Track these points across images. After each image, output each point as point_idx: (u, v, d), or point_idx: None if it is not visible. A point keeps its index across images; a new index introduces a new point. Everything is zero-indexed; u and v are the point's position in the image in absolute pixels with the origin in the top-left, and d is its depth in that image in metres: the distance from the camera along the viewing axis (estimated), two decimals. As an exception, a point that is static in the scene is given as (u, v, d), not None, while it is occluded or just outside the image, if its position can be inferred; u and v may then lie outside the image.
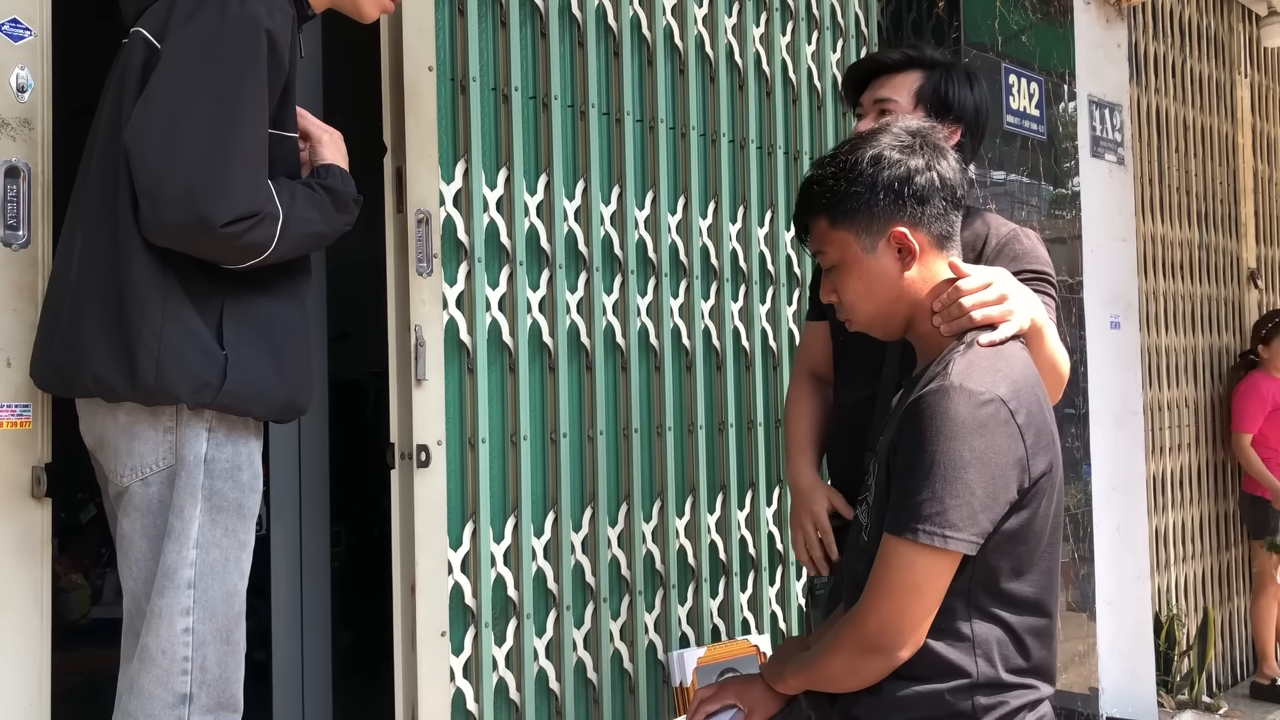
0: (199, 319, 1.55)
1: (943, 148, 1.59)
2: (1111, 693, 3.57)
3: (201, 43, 1.51)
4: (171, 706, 1.55)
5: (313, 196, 1.63)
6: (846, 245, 1.58)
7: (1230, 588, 4.98)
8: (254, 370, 1.58)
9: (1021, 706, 1.49)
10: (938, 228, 1.57)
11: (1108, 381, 3.69)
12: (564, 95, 2.54)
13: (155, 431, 1.56)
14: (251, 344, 1.58)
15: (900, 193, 1.54)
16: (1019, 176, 3.40)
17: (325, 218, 1.64)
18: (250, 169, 1.51)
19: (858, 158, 1.57)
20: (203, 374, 1.53)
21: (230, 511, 1.59)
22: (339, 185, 1.69)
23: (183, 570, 1.55)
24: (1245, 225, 5.25)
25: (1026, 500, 1.46)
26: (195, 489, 1.56)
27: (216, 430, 1.58)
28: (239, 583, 1.61)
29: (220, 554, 1.58)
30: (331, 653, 3.08)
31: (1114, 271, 3.78)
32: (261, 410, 1.61)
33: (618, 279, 2.61)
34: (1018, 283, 1.64)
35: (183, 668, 1.55)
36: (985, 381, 1.45)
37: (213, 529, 1.57)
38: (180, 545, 1.55)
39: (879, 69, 2.02)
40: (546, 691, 2.43)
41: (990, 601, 1.48)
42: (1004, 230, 1.94)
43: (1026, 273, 1.88)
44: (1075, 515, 3.51)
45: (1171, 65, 4.72)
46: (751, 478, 2.90)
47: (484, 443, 2.32)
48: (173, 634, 1.55)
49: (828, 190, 1.58)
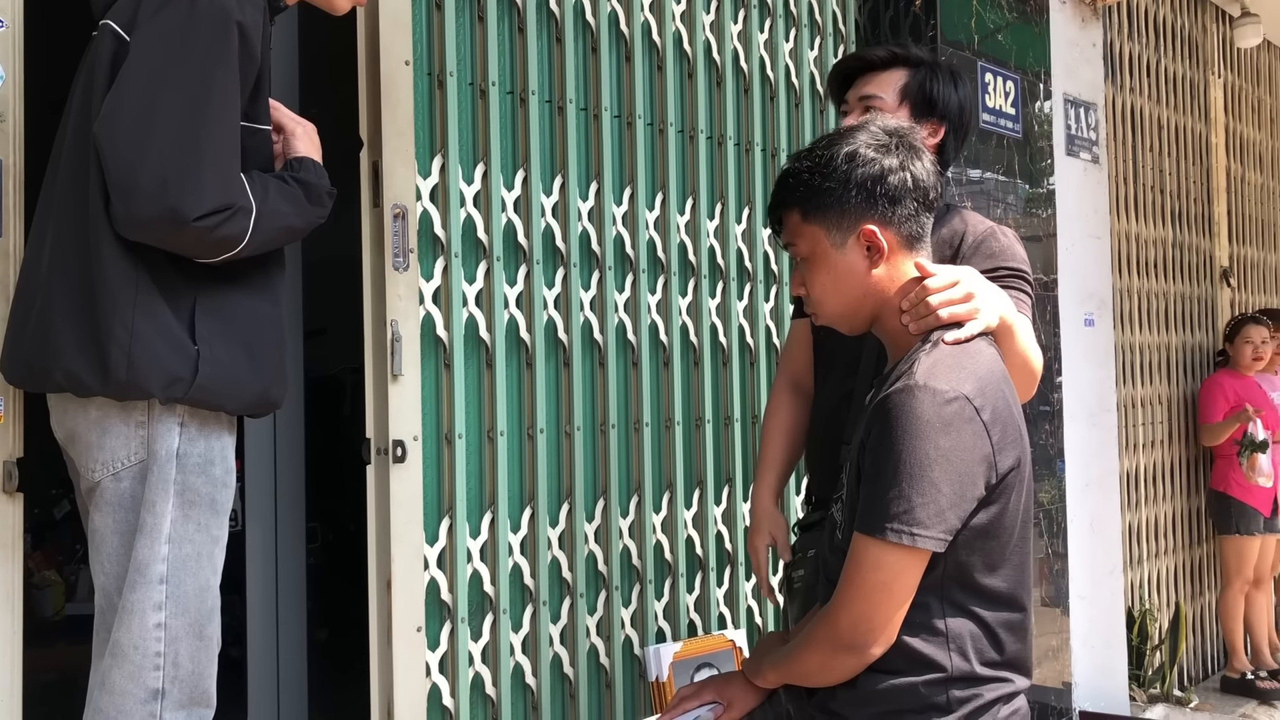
0: (171, 313, 1.54)
1: (919, 149, 1.60)
2: (1084, 687, 3.60)
3: (171, 35, 1.50)
4: (144, 702, 1.54)
5: (286, 190, 1.62)
6: (817, 240, 1.59)
7: (1202, 583, 5.03)
8: (227, 364, 1.57)
9: (996, 699, 1.50)
10: (908, 228, 1.58)
11: (1082, 378, 3.72)
12: (541, 90, 2.54)
13: (127, 426, 1.56)
14: (224, 338, 1.58)
15: (873, 191, 1.55)
16: (995, 174, 3.42)
17: (299, 211, 1.63)
18: (222, 162, 1.50)
19: (833, 153, 1.58)
20: (175, 369, 1.52)
21: (203, 506, 1.58)
22: (312, 178, 1.68)
23: (155, 565, 1.54)
24: (1218, 224, 5.30)
25: (995, 496, 1.48)
26: (167, 484, 1.55)
27: (189, 425, 1.57)
28: (212, 578, 1.61)
29: (193, 549, 1.57)
30: (307, 648, 3.07)
31: (1088, 269, 3.81)
32: (234, 405, 1.60)
33: (595, 275, 2.61)
34: (986, 281, 1.65)
35: (155, 663, 1.54)
36: (950, 380, 1.46)
37: (185, 524, 1.56)
38: (152, 540, 1.54)
39: (864, 66, 2.04)
40: (523, 686, 2.43)
41: (963, 597, 1.49)
42: (981, 228, 1.95)
43: (1002, 270, 1.89)
44: (1049, 511, 3.54)
45: (1146, 65, 4.75)
46: (728, 473, 2.91)
47: (460, 438, 2.32)
48: (145, 629, 1.54)
49: (802, 184, 1.59)
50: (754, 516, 2.16)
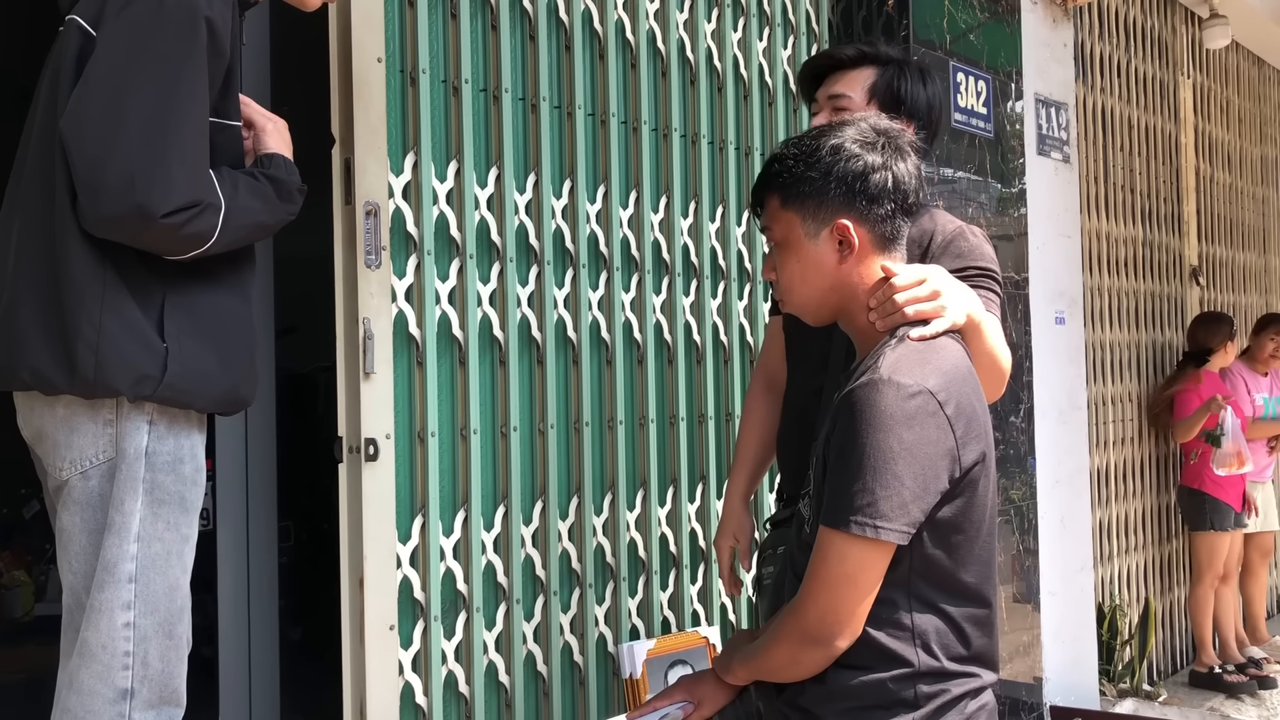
0: (139, 310, 1.53)
1: (904, 150, 1.62)
2: (1055, 682, 3.63)
3: (138, 30, 1.49)
4: (112, 702, 1.53)
5: (256, 186, 1.61)
6: (792, 227, 1.60)
7: (1171, 578, 5.09)
8: (196, 362, 1.56)
9: (963, 694, 1.52)
10: (883, 228, 1.60)
11: (1052, 376, 3.75)
12: (515, 88, 2.53)
13: (94, 424, 1.54)
14: (193, 335, 1.57)
15: (853, 186, 1.57)
16: (967, 174, 3.44)
17: (268, 208, 1.62)
18: (190, 158, 1.49)
19: (819, 144, 1.60)
20: (143, 366, 1.51)
21: (172, 505, 1.57)
22: (283, 175, 1.67)
23: (123, 564, 1.53)
24: (1187, 223, 5.36)
25: (959, 490, 1.49)
26: (136, 482, 1.54)
27: (158, 423, 1.56)
28: (181, 576, 1.60)
29: (162, 548, 1.56)
30: (280, 647, 3.06)
31: (1059, 268, 3.84)
32: (203, 402, 1.59)
33: (569, 273, 2.61)
34: (953, 279, 1.66)
35: (124, 663, 1.53)
36: (914, 374, 1.47)
37: (154, 522, 1.55)
38: (120, 539, 1.53)
39: (834, 65, 2.05)
40: (496, 684, 2.43)
41: (930, 592, 1.50)
42: (950, 227, 1.97)
43: (971, 269, 1.91)
44: (1020, 508, 3.57)
45: (1116, 65, 4.80)
46: (702, 471, 2.92)
47: (433, 436, 2.32)
48: (113, 629, 1.53)
49: (786, 170, 1.61)
50: (722, 517, 2.20)
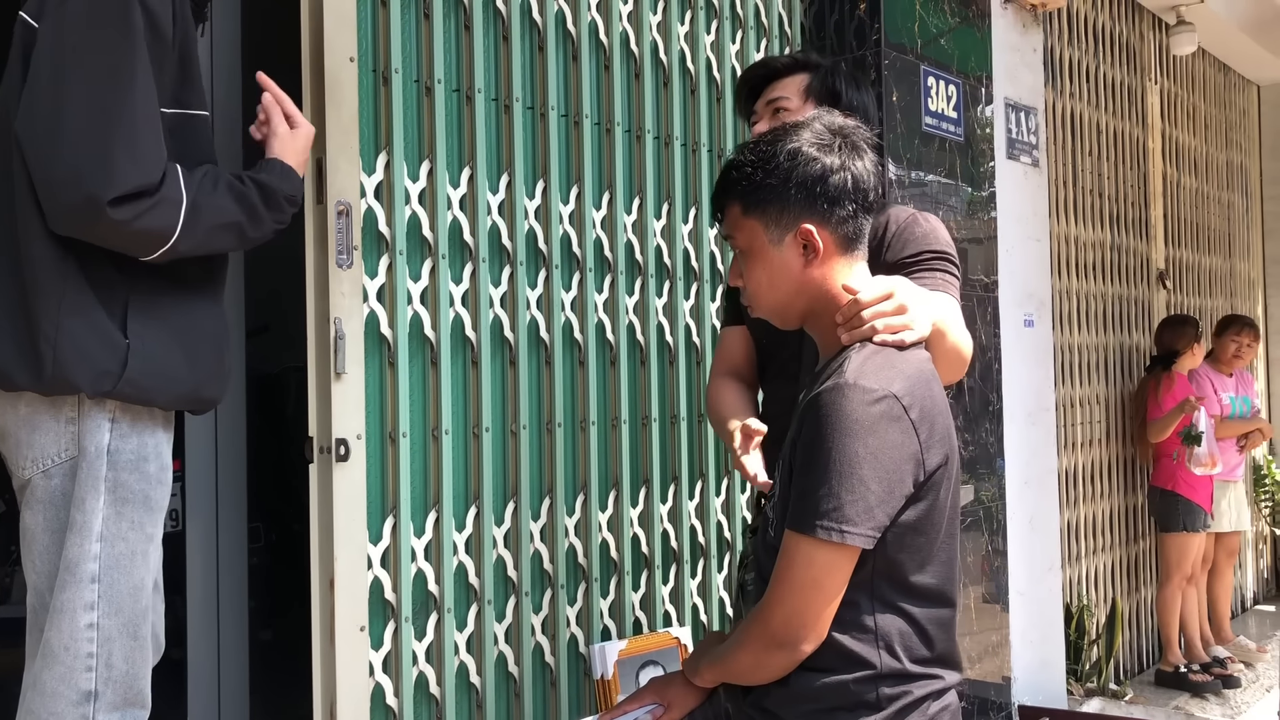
0: (102, 309, 1.52)
1: (861, 148, 1.62)
2: (1023, 681, 3.66)
3: (76, 20, 1.48)
4: (76, 704, 1.52)
5: (237, 188, 1.59)
6: (755, 234, 1.61)
7: (1137, 579, 5.14)
8: (159, 359, 1.55)
9: (926, 696, 1.52)
10: (845, 229, 1.60)
11: (1021, 378, 3.78)
12: (488, 89, 2.53)
13: (56, 423, 1.53)
14: (158, 333, 1.56)
15: (813, 190, 1.57)
16: (937, 177, 3.46)
17: (248, 212, 1.59)
18: (134, 143, 1.46)
19: (776, 149, 1.60)
20: (102, 362, 1.50)
21: (136, 504, 1.56)
22: (275, 182, 1.64)
23: (85, 564, 1.52)
24: (1155, 227, 5.42)
25: (923, 493, 1.50)
26: (97, 481, 1.53)
27: (120, 421, 1.55)
28: (146, 577, 1.59)
29: (126, 547, 1.55)
30: (249, 649, 3.04)
31: (1028, 271, 3.87)
32: (166, 400, 1.58)
33: (542, 274, 2.61)
34: (917, 290, 1.67)
35: (87, 664, 1.52)
36: (879, 379, 1.48)
37: (118, 522, 1.54)
38: (82, 538, 1.52)
39: (770, 74, 2.13)
40: (467, 685, 2.43)
41: (893, 594, 1.51)
42: (902, 216, 2.00)
43: (927, 253, 1.94)
44: (989, 509, 3.60)
45: (1085, 71, 4.85)
46: (674, 472, 2.92)
47: (405, 437, 2.31)
48: (75, 629, 1.52)
49: (744, 178, 1.61)
50: (725, 435, 1.98)
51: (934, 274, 1.92)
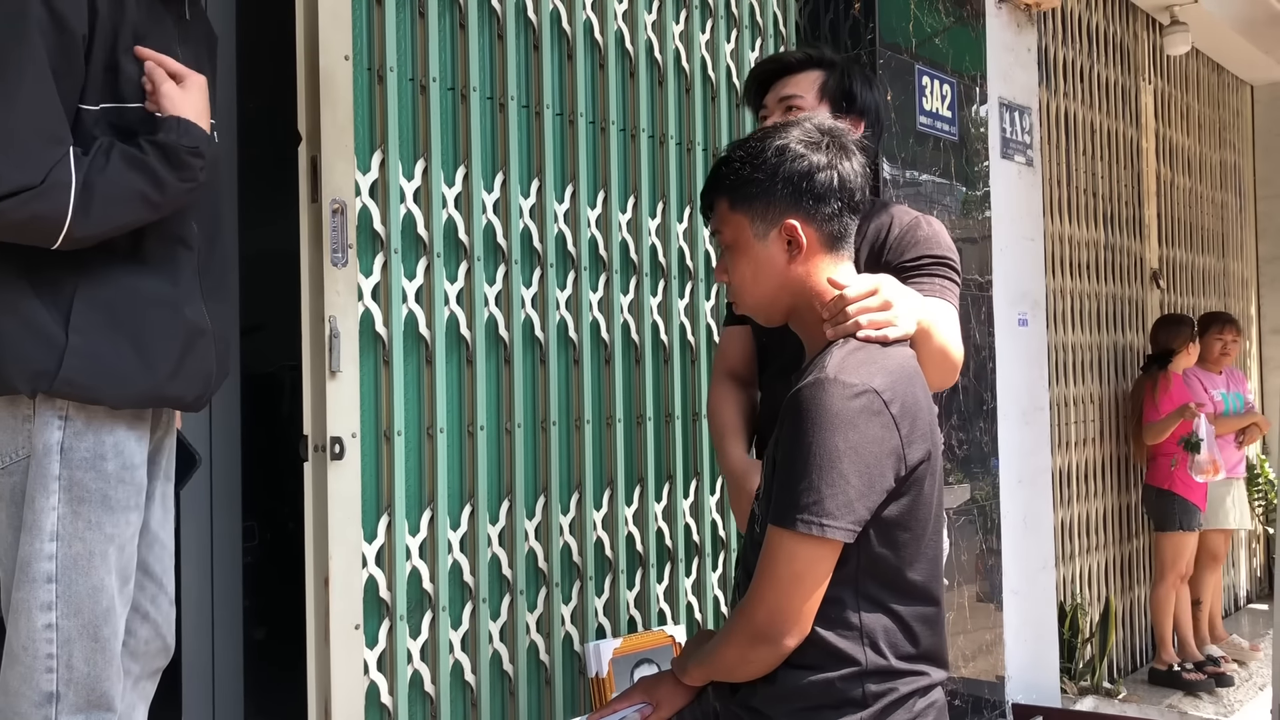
0: (40, 305, 1.50)
1: (850, 149, 1.63)
2: (1017, 679, 3.67)
3: None
4: (38, 705, 1.50)
5: (135, 157, 1.51)
6: (741, 229, 1.62)
7: (1131, 577, 5.15)
8: (106, 357, 1.52)
9: (912, 693, 1.52)
10: (830, 227, 1.61)
11: (1015, 377, 3.79)
12: (483, 87, 2.53)
13: (14, 420, 1.53)
14: (107, 329, 1.53)
15: (799, 186, 1.58)
16: (932, 176, 3.47)
17: (151, 179, 1.51)
18: (11, 145, 1.42)
19: (765, 146, 1.61)
20: (36, 361, 1.48)
21: (93, 503, 1.54)
22: (173, 139, 1.54)
23: (38, 563, 1.50)
24: (1148, 227, 5.43)
25: (905, 488, 1.50)
26: (48, 479, 1.51)
27: (74, 419, 1.53)
28: (106, 577, 1.56)
29: (84, 547, 1.53)
30: (244, 648, 3.04)
31: (1022, 270, 3.88)
32: (116, 398, 1.54)
33: (536, 272, 2.61)
34: (903, 288, 1.67)
35: (47, 665, 1.51)
36: (859, 374, 1.49)
37: (74, 521, 1.52)
38: (33, 538, 1.50)
39: (781, 69, 2.10)
40: (462, 684, 2.43)
41: (877, 591, 1.52)
42: (906, 218, 2.00)
43: (927, 258, 1.94)
44: (983, 507, 3.60)
45: (1079, 70, 4.86)
46: (669, 470, 2.93)
47: (400, 435, 2.31)
48: (33, 629, 1.50)
49: (733, 173, 1.62)
50: (731, 477, 2.09)
51: (933, 279, 1.92)
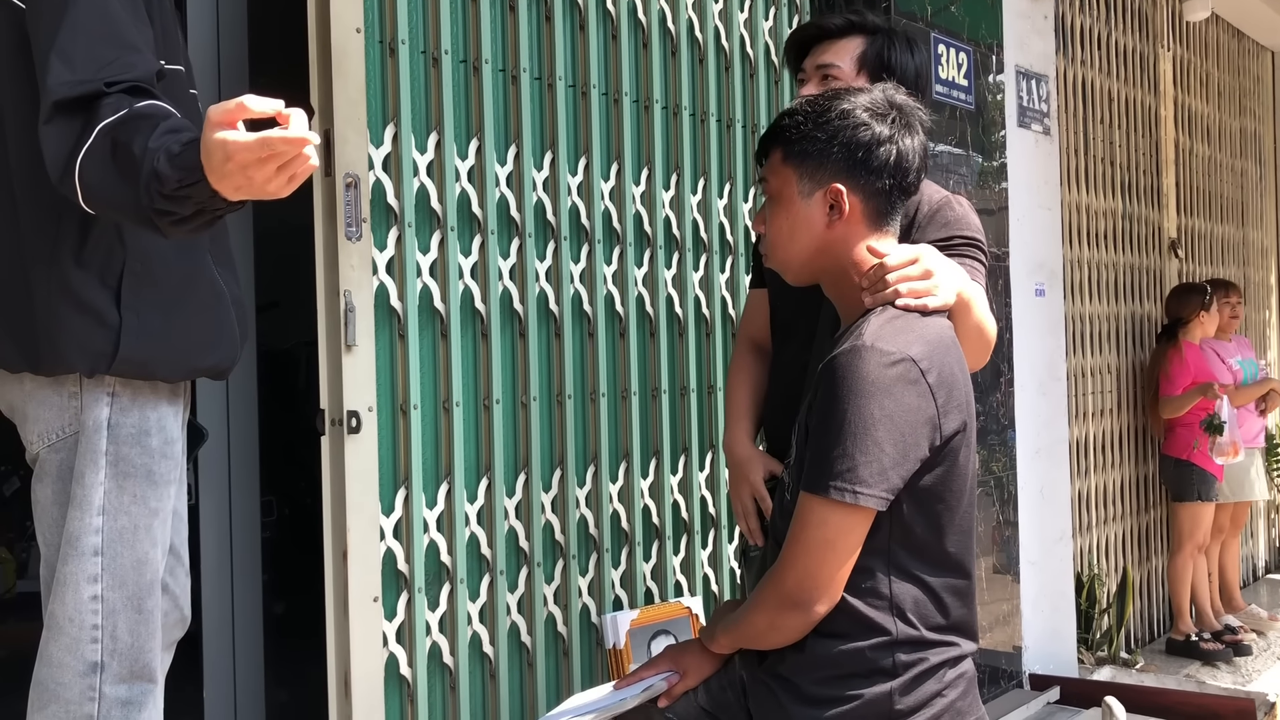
0: (95, 284, 1.50)
1: (914, 126, 1.62)
2: (1034, 650, 3.67)
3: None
4: (82, 675, 1.52)
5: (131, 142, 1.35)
6: (788, 182, 1.62)
7: (1149, 548, 5.14)
8: (156, 333, 1.54)
9: (942, 663, 1.53)
10: (877, 202, 1.60)
11: (1032, 348, 3.77)
12: (495, 60, 2.52)
13: (60, 397, 1.54)
14: (155, 304, 1.54)
15: (854, 154, 1.58)
16: (948, 146, 3.44)
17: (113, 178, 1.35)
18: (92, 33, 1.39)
19: (831, 106, 1.61)
20: (95, 344, 1.50)
21: (139, 478, 1.55)
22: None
23: (86, 537, 1.52)
24: (1166, 196, 5.38)
25: (940, 458, 1.50)
26: (97, 455, 1.53)
27: (120, 395, 1.54)
28: (150, 550, 1.58)
29: (129, 521, 1.54)
30: (264, 621, 3.06)
31: (1039, 240, 3.85)
32: (169, 372, 1.57)
33: (551, 245, 2.60)
34: (943, 259, 1.67)
35: (92, 635, 1.52)
36: (897, 342, 1.48)
37: (120, 495, 1.54)
38: (82, 512, 1.52)
39: (821, 35, 2.05)
40: (480, 655, 2.44)
41: (909, 561, 1.52)
42: (936, 197, 1.97)
43: (958, 239, 1.92)
44: (1000, 479, 3.60)
45: (1097, 38, 4.80)
46: (684, 443, 2.93)
47: (416, 409, 2.31)
48: (79, 601, 1.52)
49: (794, 126, 1.62)
50: (733, 462, 2.11)
51: (962, 260, 1.90)
